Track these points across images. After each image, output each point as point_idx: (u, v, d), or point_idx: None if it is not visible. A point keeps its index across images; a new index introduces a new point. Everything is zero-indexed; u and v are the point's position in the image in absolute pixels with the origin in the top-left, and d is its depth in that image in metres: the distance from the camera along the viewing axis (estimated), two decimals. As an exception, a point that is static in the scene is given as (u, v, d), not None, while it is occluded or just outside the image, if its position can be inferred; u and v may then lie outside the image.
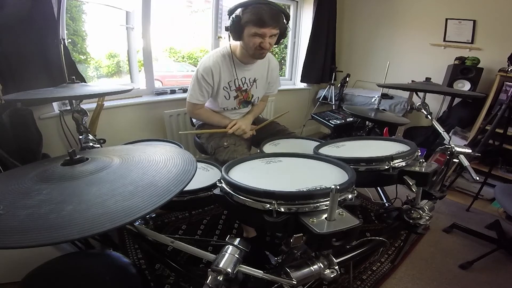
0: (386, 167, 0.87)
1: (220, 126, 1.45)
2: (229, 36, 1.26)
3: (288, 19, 1.24)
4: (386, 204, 1.58)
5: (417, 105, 1.47)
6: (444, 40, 2.55)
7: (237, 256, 0.60)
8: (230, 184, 0.70)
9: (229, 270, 0.57)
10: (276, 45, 1.32)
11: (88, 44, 1.96)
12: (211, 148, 1.43)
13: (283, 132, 1.57)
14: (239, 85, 1.42)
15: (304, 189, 0.67)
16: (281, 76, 3.35)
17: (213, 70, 1.32)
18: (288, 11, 3.08)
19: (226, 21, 1.28)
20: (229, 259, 0.60)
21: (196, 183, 0.92)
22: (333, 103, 2.96)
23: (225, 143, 1.38)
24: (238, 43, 1.30)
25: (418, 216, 1.04)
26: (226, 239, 0.64)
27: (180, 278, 1.20)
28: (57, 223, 0.41)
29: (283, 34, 1.26)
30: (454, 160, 1.20)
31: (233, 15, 1.19)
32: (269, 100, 2.72)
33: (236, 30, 1.21)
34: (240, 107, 1.52)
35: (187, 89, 2.23)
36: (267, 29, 1.16)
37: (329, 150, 1.07)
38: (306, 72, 3.04)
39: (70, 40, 1.77)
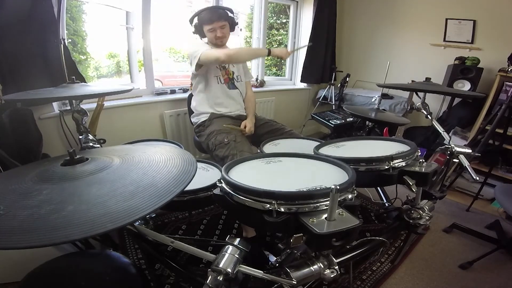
0: (386, 167, 0.87)
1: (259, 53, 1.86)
2: (199, 36, 1.67)
3: (232, 12, 1.63)
4: (386, 204, 1.59)
5: (417, 105, 1.47)
6: (444, 40, 2.55)
7: (237, 256, 0.60)
8: (230, 184, 0.70)
9: (229, 270, 0.57)
10: (232, 32, 1.70)
11: (88, 44, 1.95)
12: (211, 145, 1.46)
13: (282, 131, 1.61)
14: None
15: (304, 189, 0.66)
16: (281, 76, 3.36)
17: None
18: (288, 11, 3.09)
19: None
20: (229, 259, 0.60)
21: (196, 183, 0.92)
22: (333, 103, 2.96)
23: (225, 140, 1.42)
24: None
25: (418, 216, 1.04)
26: (226, 239, 0.64)
27: (180, 278, 1.20)
28: (58, 223, 0.41)
29: (233, 24, 1.64)
30: (454, 160, 1.20)
31: (193, 23, 1.60)
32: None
33: (199, 31, 1.62)
34: (228, 86, 1.67)
35: (187, 89, 2.25)
36: (215, 23, 1.54)
37: (329, 150, 1.07)
38: (306, 72, 3.04)
39: (70, 40, 1.77)
